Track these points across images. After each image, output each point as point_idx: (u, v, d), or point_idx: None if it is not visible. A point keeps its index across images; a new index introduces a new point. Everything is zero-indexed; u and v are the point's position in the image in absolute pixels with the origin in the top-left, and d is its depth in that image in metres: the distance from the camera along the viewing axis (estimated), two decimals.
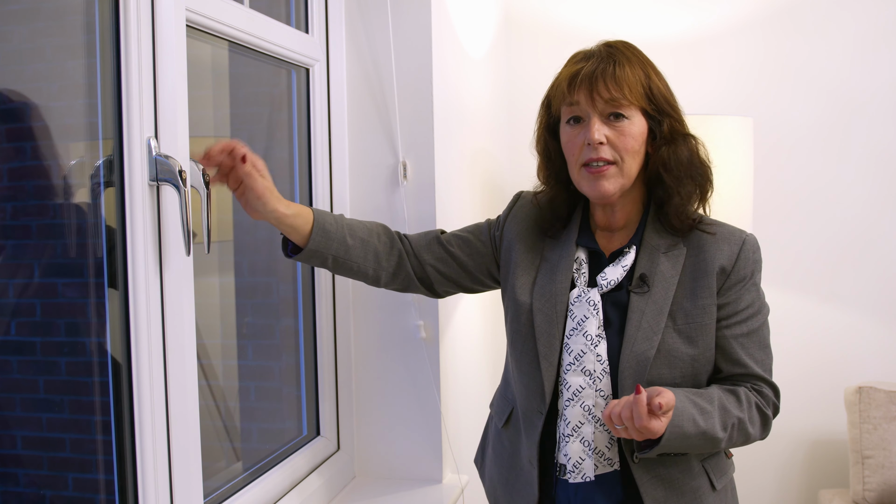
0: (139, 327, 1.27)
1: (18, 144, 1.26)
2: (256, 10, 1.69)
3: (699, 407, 1.41)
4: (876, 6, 2.69)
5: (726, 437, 1.44)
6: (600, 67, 1.47)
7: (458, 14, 2.21)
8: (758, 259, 1.53)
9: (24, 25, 1.25)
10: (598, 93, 1.46)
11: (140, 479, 1.28)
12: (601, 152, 1.46)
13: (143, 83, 1.27)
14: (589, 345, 1.47)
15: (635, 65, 1.49)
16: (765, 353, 1.52)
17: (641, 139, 1.48)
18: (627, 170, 1.48)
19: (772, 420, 1.52)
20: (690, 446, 1.43)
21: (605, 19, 2.84)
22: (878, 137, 2.72)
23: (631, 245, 1.52)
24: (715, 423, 1.42)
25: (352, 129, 2.03)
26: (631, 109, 1.47)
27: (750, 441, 1.50)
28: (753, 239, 1.54)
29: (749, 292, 1.50)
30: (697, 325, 1.47)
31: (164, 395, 1.31)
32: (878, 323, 2.76)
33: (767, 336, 1.54)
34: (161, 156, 1.27)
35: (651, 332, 1.45)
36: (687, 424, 1.39)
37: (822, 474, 2.84)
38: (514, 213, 1.65)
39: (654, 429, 1.34)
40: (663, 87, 1.51)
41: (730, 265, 1.49)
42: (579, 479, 1.47)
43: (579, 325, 1.48)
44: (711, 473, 1.52)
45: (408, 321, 2.01)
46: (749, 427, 1.47)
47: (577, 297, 1.50)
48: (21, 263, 1.26)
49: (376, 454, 2.06)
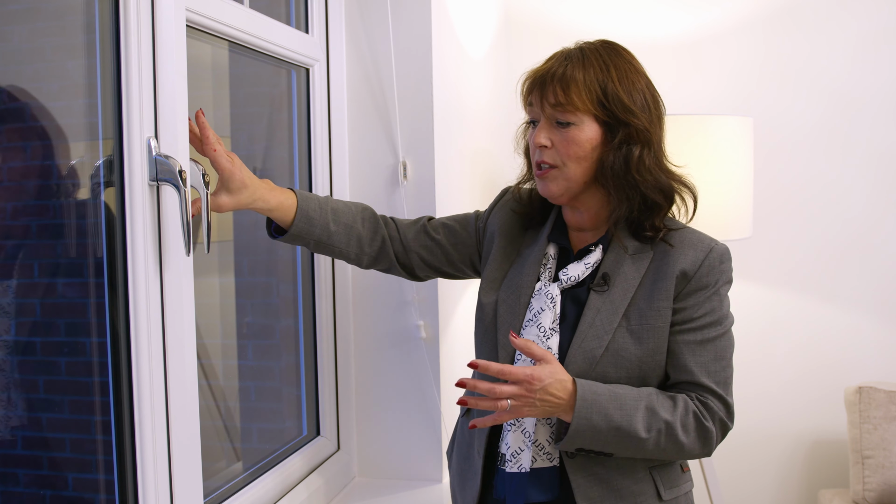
0: (139, 327, 1.27)
1: (18, 144, 1.26)
2: (256, 10, 1.69)
3: (619, 402, 1.39)
4: (876, 6, 2.69)
5: (651, 440, 1.40)
6: (552, 71, 1.46)
7: (458, 14, 2.21)
8: (725, 270, 1.49)
9: (24, 25, 1.25)
10: (546, 97, 1.46)
11: (140, 479, 1.28)
12: (544, 156, 1.48)
13: (143, 83, 1.27)
14: (541, 336, 1.47)
15: (593, 69, 1.45)
16: (719, 366, 1.46)
17: (589, 145, 1.45)
18: (571, 174, 1.47)
19: (715, 436, 1.45)
20: (607, 442, 1.40)
21: (605, 19, 2.84)
22: (878, 137, 2.72)
23: (598, 244, 1.52)
24: (635, 421, 1.39)
25: (352, 129, 2.03)
26: (579, 115, 1.44)
27: (685, 453, 1.44)
28: (724, 249, 1.50)
29: (710, 301, 1.46)
30: (649, 327, 1.45)
31: (164, 395, 1.31)
32: (878, 323, 2.76)
33: (726, 350, 1.48)
34: (161, 156, 1.27)
35: (603, 330, 1.45)
36: (597, 417, 1.37)
37: (822, 474, 2.84)
38: (499, 207, 1.66)
39: (526, 372, 1.36)
40: (626, 92, 1.45)
41: (692, 271, 1.46)
42: (515, 469, 1.46)
43: (535, 317, 1.49)
44: (659, 482, 1.48)
45: (408, 321, 2.01)
46: (681, 435, 1.41)
47: (538, 291, 1.51)
48: (21, 263, 1.26)
49: (376, 454, 2.06)
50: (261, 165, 1.99)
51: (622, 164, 1.45)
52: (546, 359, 1.40)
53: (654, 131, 1.48)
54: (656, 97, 1.51)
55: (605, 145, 1.46)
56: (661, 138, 1.51)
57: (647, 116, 1.47)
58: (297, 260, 1.98)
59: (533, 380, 1.37)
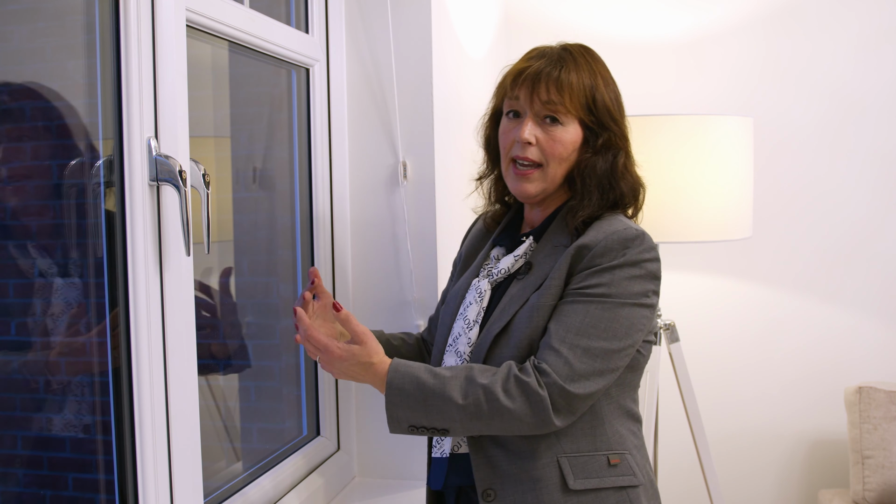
0: (139, 327, 1.27)
1: (18, 144, 1.26)
2: (256, 10, 1.69)
3: (433, 372, 1.40)
4: (877, 5, 2.69)
5: (471, 406, 1.36)
6: (546, 69, 1.47)
7: (458, 14, 2.21)
8: (629, 253, 1.42)
9: (24, 25, 1.25)
10: (537, 94, 1.47)
11: (140, 479, 1.28)
12: (528, 152, 1.48)
13: (143, 83, 1.27)
14: (465, 328, 1.51)
15: (584, 73, 1.48)
16: (585, 331, 1.38)
17: (572, 147, 1.48)
18: (552, 174, 1.49)
19: (549, 402, 1.36)
20: (426, 413, 1.38)
21: (605, 19, 2.84)
22: (878, 138, 2.72)
23: (529, 235, 1.54)
24: (450, 387, 1.37)
25: (352, 129, 2.03)
26: (567, 117, 1.47)
27: (517, 421, 1.37)
28: (634, 236, 1.43)
29: (598, 276, 1.41)
30: (538, 305, 1.43)
31: (164, 395, 1.31)
32: (878, 323, 2.76)
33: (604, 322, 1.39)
34: (161, 156, 1.27)
35: (505, 312, 1.46)
36: (409, 385, 1.38)
37: (822, 474, 2.84)
38: (469, 233, 1.72)
39: (322, 342, 1.43)
40: (610, 99, 1.49)
41: (588, 248, 1.42)
42: (439, 455, 1.52)
43: (464, 310, 1.53)
44: (566, 469, 1.43)
45: (408, 321, 2.01)
46: (503, 399, 1.36)
47: (471, 287, 1.55)
48: (21, 263, 1.26)
49: (376, 454, 2.06)
50: (261, 165, 1.99)
51: (608, 168, 1.48)
52: (359, 339, 1.43)
53: (628, 137, 1.53)
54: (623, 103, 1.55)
55: (583, 148, 1.49)
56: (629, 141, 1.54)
57: (623, 123, 1.52)
58: (297, 260, 1.98)
59: (327, 351, 1.44)
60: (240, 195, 1.94)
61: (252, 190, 1.97)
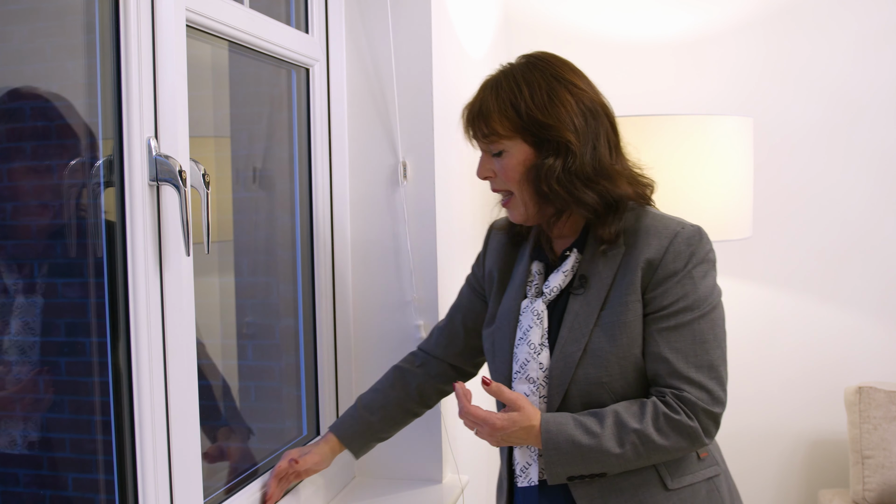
0: (139, 327, 1.27)
1: (18, 144, 1.26)
2: (256, 10, 1.69)
3: (584, 427, 1.41)
4: (877, 5, 2.69)
5: (629, 453, 1.40)
6: (472, 106, 1.51)
7: (458, 14, 2.21)
8: (696, 251, 1.45)
9: (24, 25, 1.25)
10: (475, 135, 1.51)
11: (140, 479, 1.28)
12: (494, 185, 1.53)
13: (143, 83, 1.27)
14: (532, 353, 1.50)
15: (505, 93, 1.46)
16: (700, 349, 1.42)
17: (524, 167, 1.47)
18: (523, 197, 1.50)
19: (701, 429, 1.41)
20: (587, 466, 1.42)
21: (604, 19, 2.84)
22: (878, 137, 2.72)
23: (572, 249, 1.53)
24: (605, 440, 1.40)
25: (352, 129, 2.03)
26: (506, 142, 1.47)
27: (676, 453, 1.43)
28: (692, 231, 1.46)
29: (681, 286, 1.43)
30: (620, 323, 1.44)
31: (164, 395, 1.31)
32: (878, 323, 2.76)
33: (707, 332, 1.43)
34: (161, 156, 1.27)
35: (580, 333, 1.46)
36: (564, 444, 1.40)
37: (822, 474, 2.84)
38: (490, 246, 1.71)
39: (481, 415, 1.45)
40: (539, 111, 1.44)
41: (657, 259, 1.44)
42: (525, 484, 1.51)
43: (524, 335, 1.52)
44: (663, 472, 1.46)
45: (408, 321, 2.01)
46: (658, 439, 1.39)
47: (524, 309, 1.54)
48: (21, 263, 1.26)
49: (376, 454, 2.05)
50: (261, 165, 1.99)
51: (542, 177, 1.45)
52: (514, 405, 1.44)
53: (582, 138, 1.45)
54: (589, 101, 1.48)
55: (538, 159, 1.46)
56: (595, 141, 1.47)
57: (570, 125, 1.44)
58: (297, 260, 1.98)
59: (487, 424, 1.45)
60: (240, 195, 1.94)
61: (252, 190, 1.97)
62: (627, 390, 1.45)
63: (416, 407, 1.78)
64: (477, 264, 1.75)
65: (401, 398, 1.75)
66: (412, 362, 1.79)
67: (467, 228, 2.27)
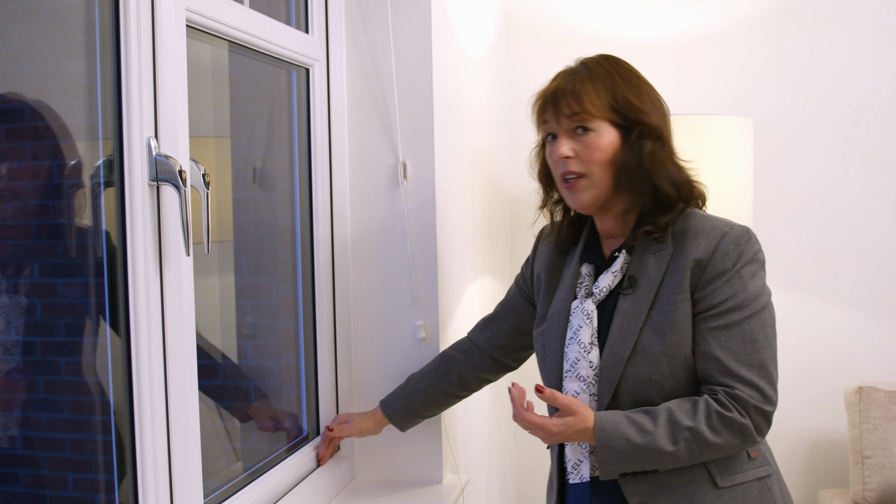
0: (139, 327, 1.27)
1: (18, 144, 1.26)
2: (256, 10, 1.69)
3: (637, 425, 1.43)
4: (877, 6, 2.69)
5: (682, 450, 1.43)
6: (561, 86, 1.54)
7: (458, 14, 2.21)
8: (744, 251, 1.49)
9: (24, 25, 1.25)
10: (561, 111, 1.53)
11: (140, 479, 1.28)
12: (570, 165, 1.53)
13: (143, 83, 1.27)
14: (582, 352, 1.53)
15: (600, 78, 1.52)
16: (750, 349, 1.45)
17: (611, 149, 1.51)
18: (598, 180, 1.52)
19: (753, 426, 1.44)
20: (641, 464, 1.45)
21: (605, 19, 2.84)
22: (878, 137, 2.72)
23: (621, 249, 1.56)
24: (658, 438, 1.42)
25: (352, 129, 2.03)
26: (596, 122, 1.51)
27: (728, 450, 1.46)
28: (741, 231, 1.50)
29: (730, 286, 1.47)
30: (669, 321, 1.47)
31: (164, 395, 1.31)
32: (878, 323, 2.76)
33: (757, 331, 1.47)
34: (161, 156, 1.27)
35: (629, 331, 1.49)
36: (618, 443, 1.43)
37: (822, 474, 2.84)
38: (539, 251, 1.76)
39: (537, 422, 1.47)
40: (634, 94, 1.52)
41: (706, 258, 1.48)
42: (577, 480, 1.54)
43: (575, 334, 1.55)
44: (713, 470, 1.49)
45: (408, 321, 2.01)
46: (710, 436, 1.42)
47: (574, 309, 1.58)
48: (21, 263, 1.26)
49: (376, 455, 2.06)
50: (261, 165, 1.99)
51: (636, 158, 1.50)
52: (569, 409, 1.47)
53: (664, 127, 1.54)
54: (660, 98, 1.57)
55: (623, 147, 1.52)
56: (670, 135, 1.56)
57: (656, 115, 1.54)
58: (297, 260, 1.98)
59: (543, 430, 1.48)
60: (240, 195, 1.94)
61: (252, 190, 1.97)
62: (676, 388, 1.48)
63: (458, 391, 1.88)
64: (526, 265, 1.81)
65: (443, 383, 1.86)
66: (458, 349, 1.88)
67: (467, 228, 2.27)
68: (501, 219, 2.72)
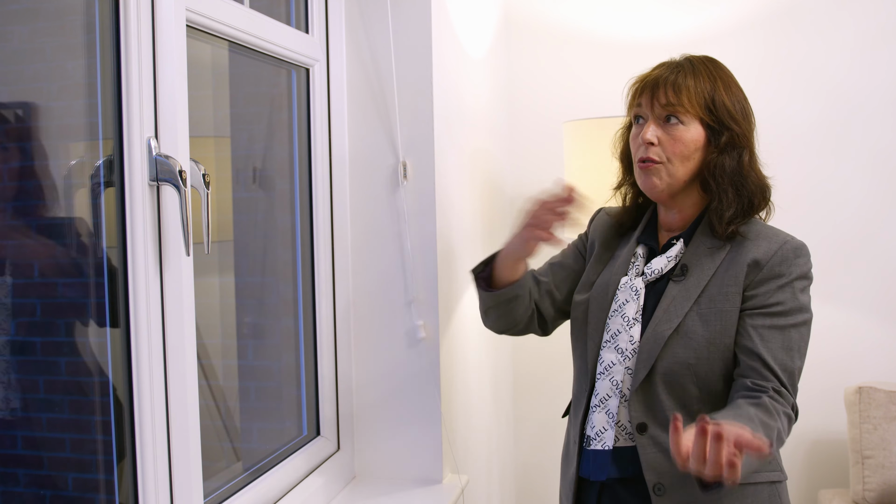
0: (139, 327, 1.27)
1: (18, 144, 1.26)
2: (256, 10, 1.69)
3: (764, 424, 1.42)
4: (875, 6, 2.69)
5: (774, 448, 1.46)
6: (664, 76, 1.58)
7: (458, 14, 2.21)
8: (801, 264, 1.54)
9: (24, 25, 1.25)
10: (657, 97, 1.56)
11: (140, 479, 1.28)
12: (650, 152, 1.56)
13: (143, 83, 1.27)
14: (625, 325, 1.57)
15: (702, 77, 1.57)
16: (786, 355, 1.50)
17: (694, 146, 1.55)
18: (674, 171, 1.56)
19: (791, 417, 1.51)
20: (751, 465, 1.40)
21: (605, 19, 2.84)
22: (876, 137, 2.72)
23: (679, 238, 1.60)
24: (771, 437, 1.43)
25: (352, 129, 2.03)
26: (687, 116, 1.55)
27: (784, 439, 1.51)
28: (799, 244, 1.56)
29: (782, 292, 1.51)
30: (717, 310, 1.52)
31: (164, 395, 1.31)
32: (878, 323, 2.76)
33: (794, 342, 1.51)
34: (161, 156, 1.27)
35: (674, 314, 1.53)
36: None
37: (822, 474, 2.84)
38: (595, 222, 1.79)
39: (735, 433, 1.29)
40: (731, 101, 1.57)
41: (765, 260, 1.52)
42: (599, 447, 1.56)
43: (620, 307, 1.59)
44: None
45: (408, 321, 2.01)
46: (784, 436, 1.49)
47: (623, 284, 1.61)
48: (21, 263, 1.26)
49: (376, 454, 2.06)
50: (261, 165, 2.00)
51: (735, 165, 1.55)
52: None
53: (751, 137, 1.60)
54: (751, 109, 1.62)
55: (707, 148, 1.56)
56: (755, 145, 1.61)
57: (745, 124, 1.59)
58: (297, 260, 1.98)
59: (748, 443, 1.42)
60: (240, 195, 1.94)
61: (252, 190, 1.97)
62: (710, 375, 1.51)
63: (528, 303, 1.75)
64: (583, 236, 1.81)
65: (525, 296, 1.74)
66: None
67: (467, 228, 2.28)
68: (501, 219, 2.72)
